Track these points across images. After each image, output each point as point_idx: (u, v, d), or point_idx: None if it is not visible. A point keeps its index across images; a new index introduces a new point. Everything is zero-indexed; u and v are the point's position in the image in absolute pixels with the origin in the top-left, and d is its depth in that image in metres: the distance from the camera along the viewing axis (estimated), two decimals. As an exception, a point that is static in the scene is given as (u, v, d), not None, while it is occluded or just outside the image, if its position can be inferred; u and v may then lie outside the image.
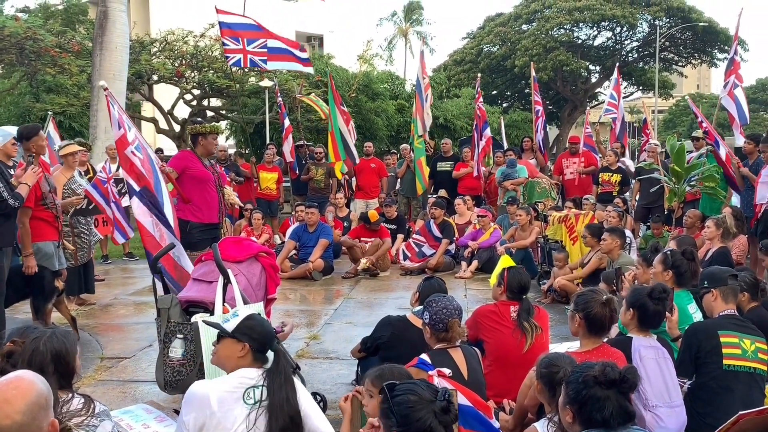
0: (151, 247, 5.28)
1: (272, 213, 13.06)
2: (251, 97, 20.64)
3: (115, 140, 5.48)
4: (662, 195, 9.94)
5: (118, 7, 13.52)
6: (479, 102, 13.71)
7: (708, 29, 37.80)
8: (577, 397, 2.64)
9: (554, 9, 38.32)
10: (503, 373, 4.21)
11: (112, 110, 5.41)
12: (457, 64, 41.73)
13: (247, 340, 3.11)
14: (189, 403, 2.96)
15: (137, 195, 5.34)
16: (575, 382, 2.66)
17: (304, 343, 6.51)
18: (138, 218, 5.34)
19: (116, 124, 5.41)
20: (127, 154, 5.35)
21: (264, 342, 3.12)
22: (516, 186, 11.99)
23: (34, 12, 23.57)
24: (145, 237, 5.32)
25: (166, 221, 5.43)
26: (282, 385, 3.02)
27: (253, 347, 3.10)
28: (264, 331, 3.16)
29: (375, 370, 3.16)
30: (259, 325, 3.18)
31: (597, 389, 2.59)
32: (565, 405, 2.71)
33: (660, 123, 56.49)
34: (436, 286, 4.59)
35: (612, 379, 2.58)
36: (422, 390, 2.46)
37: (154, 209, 5.37)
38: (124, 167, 5.41)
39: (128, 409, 4.53)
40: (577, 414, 2.64)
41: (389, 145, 21.13)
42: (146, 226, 5.29)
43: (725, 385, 3.77)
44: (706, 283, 4.21)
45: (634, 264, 6.38)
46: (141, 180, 5.35)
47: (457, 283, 9.38)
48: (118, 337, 6.83)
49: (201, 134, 6.60)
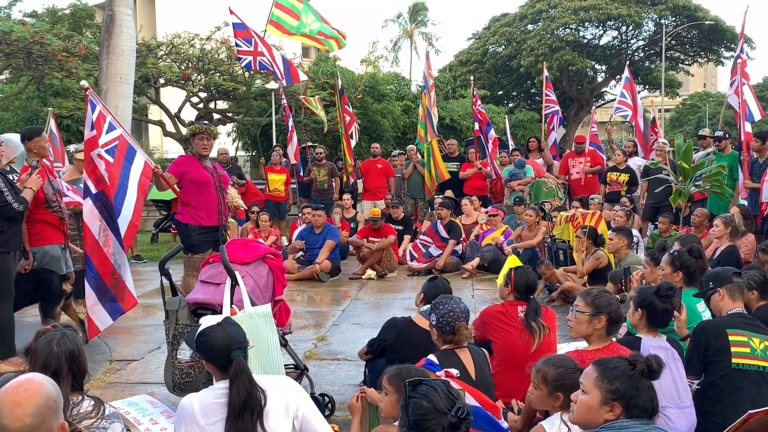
0: (91, 251, 5.31)
1: (281, 215, 13.09)
2: (258, 100, 20.70)
3: (85, 140, 5.52)
4: (670, 194, 9.92)
5: (125, 11, 13.53)
6: (478, 105, 13.62)
7: (714, 27, 37.71)
8: (631, 386, 2.59)
9: (560, 9, 38.29)
10: (511, 374, 4.20)
11: (90, 112, 5.45)
12: (462, 64, 41.72)
13: (205, 359, 3.07)
14: (179, 417, 2.96)
15: (91, 197, 5.39)
16: (624, 375, 2.61)
17: (311, 345, 6.52)
18: (86, 220, 5.37)
19: (89, 125, 5.47)
20: (93, 155, 5.40)
21: (217, 357, 2.98)
22: (523, 186, 11.98)
23: (41, 17, 23.66)
24: (87, 239, 5.35)
25: (117, 230, 5.44)
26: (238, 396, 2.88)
27: (214, 364, 3.02)
28: (213, 346, 2.98)
29: (393, 369, 3.14)
30: (208, 341, 3.00)
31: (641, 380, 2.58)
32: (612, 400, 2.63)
33: (667, 122, 56.31)
34: (441, 287, 4.58)
35: (654, 370, 2.58)
36: (439, 398, 2.42)
37: (106, 215, 5.40)
38: (86, 168, 5.47)
39: (132, 401, 4.55)
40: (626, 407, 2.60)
41: (395, 147, 21.13)
42: (92, 229, 5.34)
43: (734, 384, 3.75)
44: (711, 284, 4.19)
45: (642, 263, 6.37)
46: (100, 183, 5.40)
47: (464, 283, 9.38)
48: (126, 340, 6.84)
49: (194, 135, 6.67)
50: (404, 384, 2.56)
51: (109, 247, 5.34)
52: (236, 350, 2.93)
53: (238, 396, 2.84)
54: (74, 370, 2.87)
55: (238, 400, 2.84)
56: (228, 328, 3.03)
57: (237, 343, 2.96)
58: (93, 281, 5.25)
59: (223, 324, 3.06)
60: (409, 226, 11.53)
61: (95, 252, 5.27)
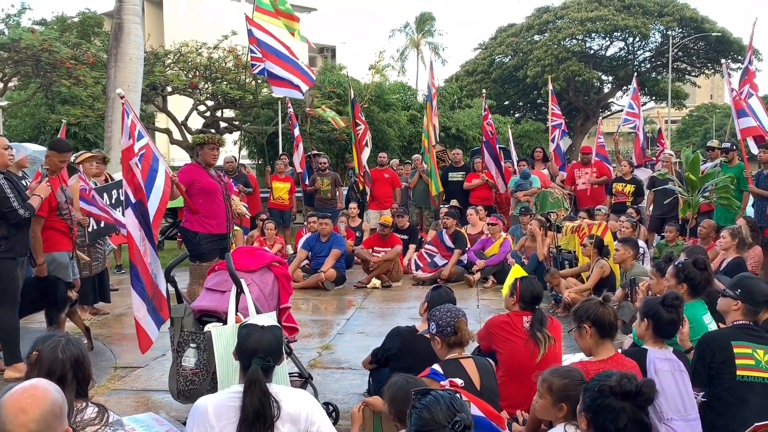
0: (137, 260, 5.31)
1: (285, 223, 13.09)
2: (264, 108, 20.77)
3: (122, 149, 5.52)
4: (676, 205, 9.89)
5: (133, 20, 13.63)
6: (488, 119, 13.60)
7: (721, 39, 37.74)
8: (592, 405, 2.64)
9: (566, 19, 38.39)
10: (516, 384, 4.19)
11: (126, 119, 5.46)
12: (469, 74, 41.83)
13: (237, 351, 3.11)
14: (192, 417, 2.98)
15: (132, 207, 5.38)
16: (592, 390, 2.66)
17: (316, 353, 6.51)
18: (129, 229, 5.37)
19: (126, 134, 5.47)
20: (131, 164, 5.40)
21: (243, 356, 3.05)
22: (529, 197, 11.97)
23: (50, 25, 23.85)
24: (132, 249, 5.34)
25: (152, 239, 5.47)
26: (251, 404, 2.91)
27: (240, 360, 3.08)
28: (244, 344, 3.07)
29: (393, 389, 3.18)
30: (244, 337, 3.10)
31: (612, 400, 2.59)
32: (581, 412, 2.72)
33: (673, 133, 56.29)
34: (445, 296, 4.57)
35: (628, 391, 2.58)
36: (440, 410, 2.44)
37: (144, 224, 5.41)
38: (126, 177, 5.46)
39: (137, 418, 4.54)
40: (592, 422, 2.65)
41: (401, 156, 21.16)
42: (135, 239, 5.32)
43: (740, 396, 3.73)
44: (738, 292, 4.04)
45: (648, 274, 6.35)
46: (138, 192, 5.40)
47: (469, 293, 9.36)
48: (131, 347, 6.82)
49: (199, 144, 6.68)
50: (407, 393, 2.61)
51: (147, 257, 5.35)
52: (257, 358, 2.96)
53: (251, 404, 2.88)
54: (78, 377, 2.88)
55: (251, 408, 2.87)
56: (265, 335, 3.07)
57: (262, 352, 2.99)
58: (141, 291, 5.26)
59: (267, 328, 3.11)
60: (415, 235, 11.53)
61: (139, 262, 5.28)
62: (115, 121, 13.41)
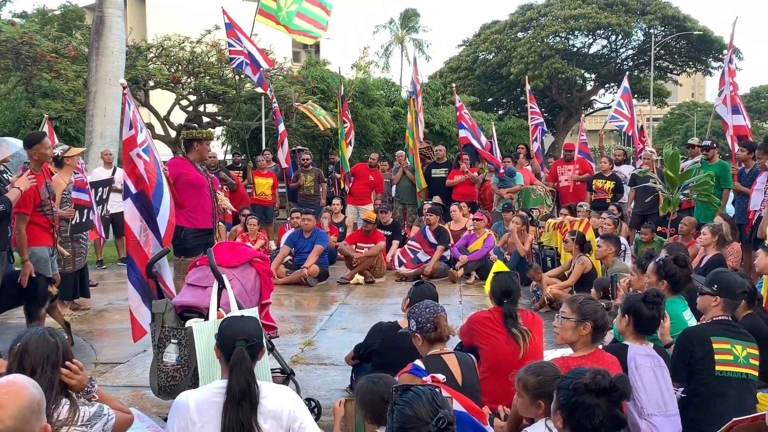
0: (133, 251, 5.28)
1: (267, 219, 13.05)
2: (247, 103, 20.64)
3: (124, 139, 5.51)
4: (657, 203, 9.97)
5: (115, 13, 13.52)
6: (463, 111, 13.67)
7: (702, 38, 37.99)
8: (567, 403, 2.64)
9: (549, 17, 38.49)
10: (498, 380, 4.20)
11: (128, 110, 5.46)
12: (452, 71, 41.82)
13: (218, 344, 3.11)
14: (173, 412, 2.98)
15: (131, 197, 5.35)
16: (566, 389, 2.66)
17: (299, 349, 6.50)
18: (127, 220, 5.34)
19: (128, 124, 5.46)
20: (132, 155, 5.38)
21: (225, 344, 3.05)
22: (512, 194, 12.01)
23: (31, 17, 23.58)
24: (129, 239, 5.32)
25: (156, 229, 5.43)
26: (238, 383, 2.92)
27: (222, 350, 3.07)
28: (226, 332, 3.08)
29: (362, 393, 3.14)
30: (224, 327, 3.12)
31: (587, 396, 2.58)
32: (555, 410, 2.72)
33: (655, 131, 56.68)
34: (427, 291, 4.58)
35: (602, 388, 2.58)
36: (422, 406, 2.43)
37: (146, 215, 5.38)
38: (126, 168, 5.45)
39: None
40: (567, 420, 2.65)
41: (385, 152, 21.13)
42: (133, 230, 5.29)
43: (718, 391, 3.77)
44: (715, 287, 4.07)
45: (629, 271, 6.40)
46: (140, 183, 5.37)
47: (452, 289, 9.39)
48: (112, 343, 6.80)
49: (197, 140, 6.58)
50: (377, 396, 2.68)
51: (149, 247, 5.33)
52: (241, 340, 3.00)
53: (237, 384, 2.89)
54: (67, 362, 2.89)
55: (237, 388, 2.89)
56: (245, 322, 3.16)
57: (245, 334, 3.04)
58: (137, 282, 5.23)
59: (244, 317, 3.24)
60: (398, 231, 11.54)
61: (137, 252, 5.25)
62: (96, 116, 13.31)
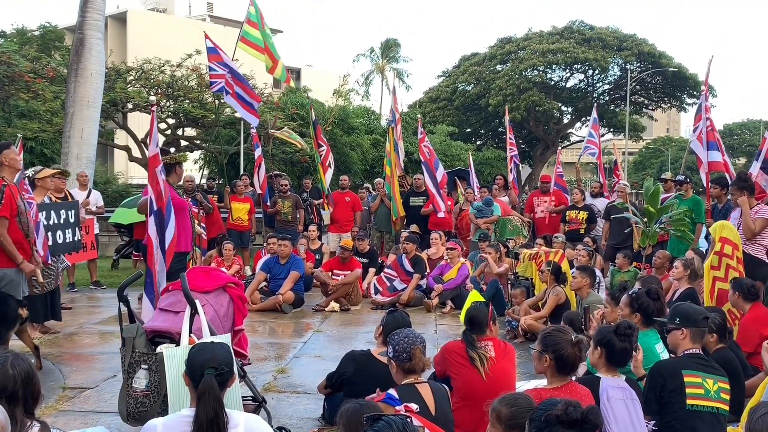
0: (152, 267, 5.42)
1: (243, 244, 12.96)
2: (226, 128, 20.67)
3: (150, 156, 5.71)
4: (631, 235, 10.05)
5: (95, 35, 13.51)
6: (425, 142, 13.60)
7: (677, 74, 38.78)
8: None
9: (528, 50, 39.11)
10: (471, 410, 4.19)
11: (154, 128, 5.58)
12: (432, 101, 42.25)
13: (187, 371, 3.04)
14: None
15: (154, 214, 5.50)
16: (538, 420, 2.66)
17: (271, 377, 6.43)
18: (150, 235, 5.55)
19: (154, 142, 5.58)
20: (157, 171, 5.49)
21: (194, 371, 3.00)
22: (489, 224, 12.07)
23: (9, 37, 23.49)
24: (150, 255, 5.46)
25: (164, 248, 5.54)
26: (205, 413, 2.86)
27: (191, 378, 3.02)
28: (194, 360, 3.02)
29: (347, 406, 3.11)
30: (192, 355, 3.06)
31: (558, 428, 2.58)
32: None
33: (630, 165, 57.43)
34: (400, 320, 4.55)
35: (574, 419, 2.58)
36: None
37: (160, 233, 5.50)
38: (152, 184, 5.57)
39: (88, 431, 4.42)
40: None
41: (363, 179, 21.21)
42: (155, 245, 5.46)
43: (689, 425, 3.79)
44: (678, 321, 4.16)
45: (603, 303, 6.44)
46: (159, 201, 5.50)
47: (427, 318, 9.36)
48: (81, 367, 6.69)
49: (178, 164, 6.74)
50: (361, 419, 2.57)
51: (156, 264, 5.40)
52: (210, 368, 2.94)
53: (204, 414, 2.84)
54: (27, 394, 2.81)
55: (204, 417, 2.83)
56: (215, 349, 3.08)
57: (215, 362, 2.98)
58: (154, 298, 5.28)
59: (214, 344, 3.15)
60: (375, 259, 11.51)
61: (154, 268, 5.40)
62: (72, 137, 13.22)
